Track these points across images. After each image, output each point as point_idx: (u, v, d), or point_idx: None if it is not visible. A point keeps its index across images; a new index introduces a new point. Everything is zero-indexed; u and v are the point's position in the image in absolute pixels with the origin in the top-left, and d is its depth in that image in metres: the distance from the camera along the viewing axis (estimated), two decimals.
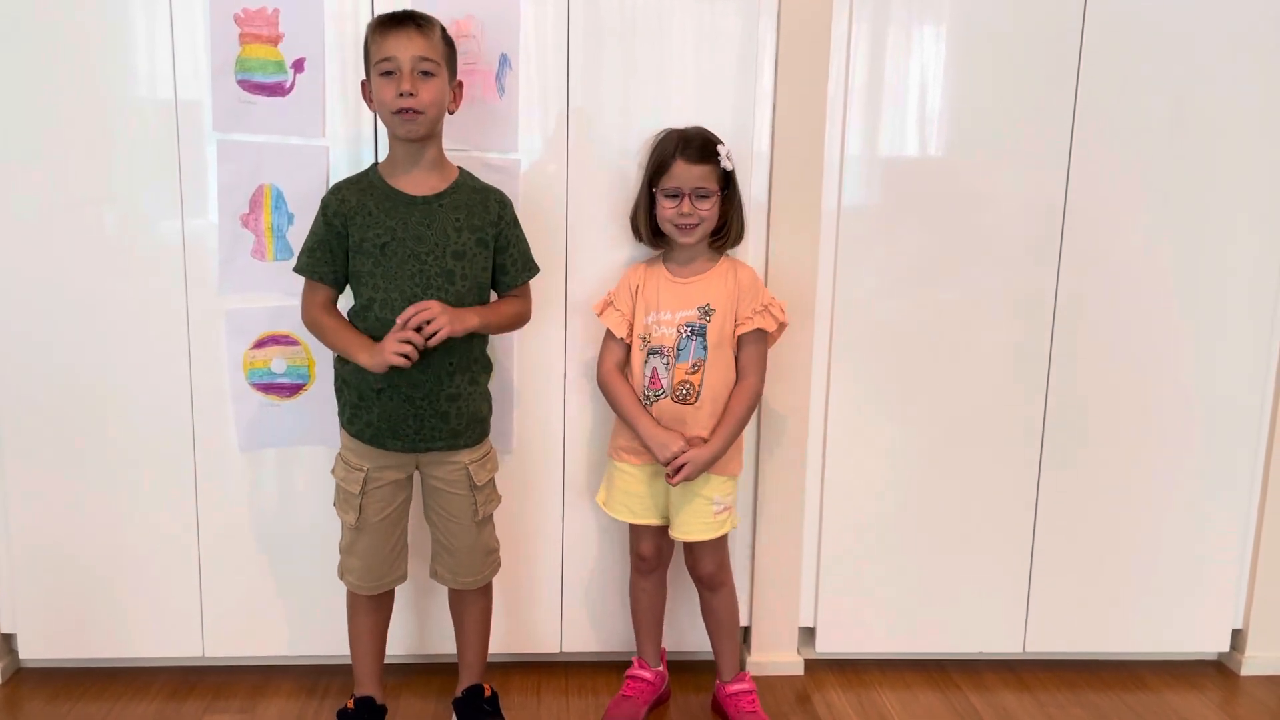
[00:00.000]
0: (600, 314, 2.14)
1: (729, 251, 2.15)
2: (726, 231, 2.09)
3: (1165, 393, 2.37)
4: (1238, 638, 2.51)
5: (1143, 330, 2.34)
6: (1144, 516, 2.41)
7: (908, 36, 2.22)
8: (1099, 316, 2.33)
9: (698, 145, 2.03)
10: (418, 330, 1.85)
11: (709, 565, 2.16)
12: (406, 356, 1.84)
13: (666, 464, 2.03)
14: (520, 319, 2.07)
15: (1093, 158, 2.26)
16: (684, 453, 2.02)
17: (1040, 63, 2.23)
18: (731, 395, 2.09)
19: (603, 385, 2.14)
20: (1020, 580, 2.42)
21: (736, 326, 2.07)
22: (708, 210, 2.03)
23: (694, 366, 2.05)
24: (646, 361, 2.07)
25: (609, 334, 2.13)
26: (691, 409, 2.05)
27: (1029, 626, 2.44)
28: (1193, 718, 2.30)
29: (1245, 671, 2.49)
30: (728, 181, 2.06)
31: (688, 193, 2.01)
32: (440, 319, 1.85)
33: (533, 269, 2.06)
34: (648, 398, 2.07)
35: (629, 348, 2.12)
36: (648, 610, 2.25)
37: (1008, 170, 2.26)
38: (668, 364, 2.05)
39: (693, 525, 2.11)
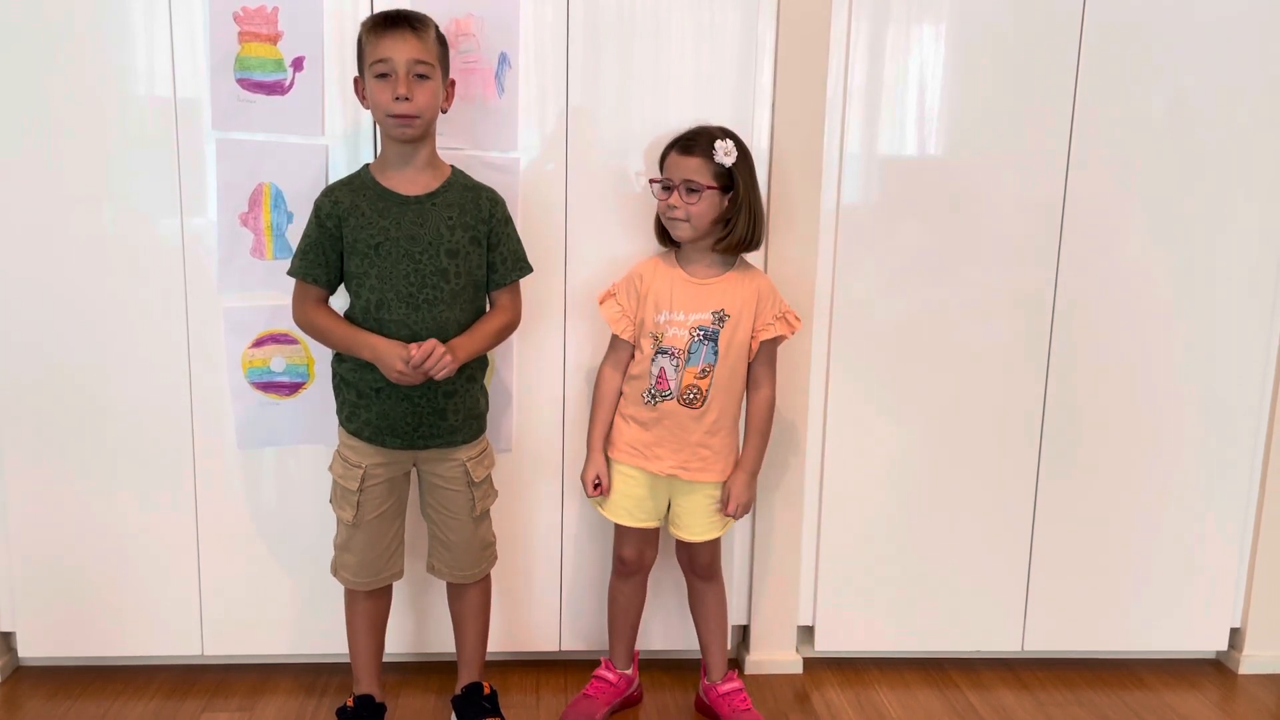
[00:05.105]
0: (600, 303, 2.10)
1: (746, 257, 2.09)
2: (730, 232, 1.99)
3: (1164, 392, 2.37)
4: (1236, 636, 2.51)
5: (1141, 329, 2.34)
6: (1142, 515, 2.42)
7: (907, 35, 2.22)
8: (1098, 316, 2.33)
9: (689, 137, 1.99)
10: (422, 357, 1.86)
11: (706, 556, 2.16)
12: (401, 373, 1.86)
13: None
14: (508, 330, 2.04)
15: (1091, 157, 2.26)
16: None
17: (1039, 62, 2.23)
18: (751, 410, 2.09)
19: (597, 381, 2.12)
20: (1019, 579, 2.43)
21: (755, 334, 2.04)
22: (696, 206, 1.96)
23: (703, 371, 2.02)
24: (655, 360, 2.04)
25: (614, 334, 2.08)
26: (697, 413, 2.03)
27: (1028, 625, 2.45)
28: (1191, 716, 2.31)
29: (1243, 670, 2.49)
30: (731, 179, 1.98)
31: (677, 185, 1.98)
32: (450, 368, 1.87)
33: (524, 268, 2.04)
34: (654, 397, 2.04)
35: (632, 351, 2.08)
36: (623, 613, 2.23)
37: (1007, 169, 2.26)
38: (677, 366, 2.02)
39: (700, 526, 2.11)
